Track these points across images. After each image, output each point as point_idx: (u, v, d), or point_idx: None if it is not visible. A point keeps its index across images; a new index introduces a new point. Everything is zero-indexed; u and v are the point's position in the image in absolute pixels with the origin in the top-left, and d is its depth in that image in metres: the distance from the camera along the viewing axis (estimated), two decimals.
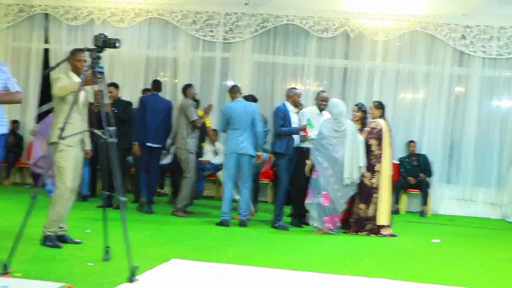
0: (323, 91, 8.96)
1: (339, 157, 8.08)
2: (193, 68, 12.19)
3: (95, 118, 8.10)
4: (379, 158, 8.35)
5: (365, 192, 8.36)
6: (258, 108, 8.66)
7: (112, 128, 5.22)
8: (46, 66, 12.40)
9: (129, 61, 12.40)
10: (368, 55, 11.90)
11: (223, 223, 8.47)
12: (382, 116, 8.53)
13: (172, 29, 12.26)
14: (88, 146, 6.35)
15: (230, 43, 11.99)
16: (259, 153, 8.44)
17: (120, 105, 9.71)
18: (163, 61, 12.42)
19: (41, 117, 12.15)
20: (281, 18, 11.81)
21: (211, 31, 12.06)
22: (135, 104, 10.08)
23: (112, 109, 8.77)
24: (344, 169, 8.08)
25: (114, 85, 9.94)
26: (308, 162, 8.38)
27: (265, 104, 11.39)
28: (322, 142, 8.10)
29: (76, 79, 6.09)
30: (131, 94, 11.94)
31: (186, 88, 9.29)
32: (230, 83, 11.57)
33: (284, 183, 8.51)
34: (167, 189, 11.83)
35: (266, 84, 12.13)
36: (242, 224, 8.51)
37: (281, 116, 8.44)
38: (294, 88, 8.87)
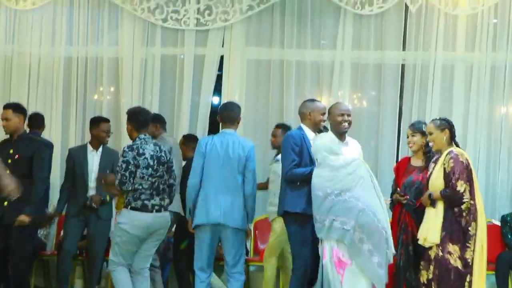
0: (339, 103, 7.72)
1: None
2: (146, 75, 10.06)
3: None
4: (473, 213, 6.86)
5: (452, 280, 6.82)
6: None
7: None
8: None
9: (36, 66, 10.23)
10: (441, 41, 9.57)
11: None
12: (451, 142, 7.21)
13: (111, 9, 10.19)
14: None
15: (208, 30, 10.00)
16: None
17: (24, 141, 8.04)
18: (96, 65, 10.26)
19: None
20: None
21: (176, 11, 9.97)
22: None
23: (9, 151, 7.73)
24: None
25: (14, 108, 8.02)
26: None
27: (267, 131, 9.45)
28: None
29: None
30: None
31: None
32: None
33: (303, 264, 7.26)
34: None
35: (270, 97, 9.97)
36: None
37: (296, 149, 7.23)
38: (313, 101, 7.68)
